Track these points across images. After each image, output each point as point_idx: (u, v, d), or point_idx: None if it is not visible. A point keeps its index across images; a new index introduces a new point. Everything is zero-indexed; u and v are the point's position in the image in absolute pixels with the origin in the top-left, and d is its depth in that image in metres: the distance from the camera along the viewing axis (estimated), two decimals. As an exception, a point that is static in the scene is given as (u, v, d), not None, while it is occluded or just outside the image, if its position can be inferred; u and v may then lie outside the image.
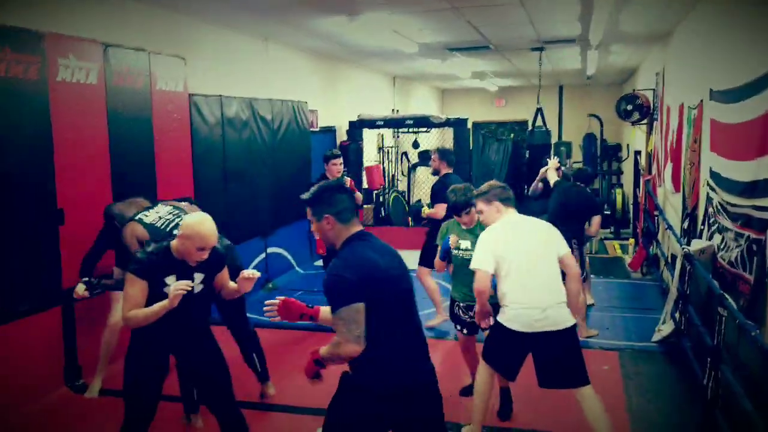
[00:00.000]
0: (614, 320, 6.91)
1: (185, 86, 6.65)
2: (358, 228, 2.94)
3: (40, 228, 5.05)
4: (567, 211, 6.66)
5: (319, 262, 9.63)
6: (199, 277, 3.56)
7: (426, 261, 6.59)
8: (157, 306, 3.38)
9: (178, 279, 3.46)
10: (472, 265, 4.10)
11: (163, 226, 4.54)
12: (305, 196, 2.99)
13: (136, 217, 4.61)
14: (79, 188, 5.38)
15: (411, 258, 8.49)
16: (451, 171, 6.80)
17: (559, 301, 3.97)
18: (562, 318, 3.96)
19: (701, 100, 5.96)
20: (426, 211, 6.88)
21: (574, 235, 6.48)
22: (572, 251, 6.21)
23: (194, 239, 3.41)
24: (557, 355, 3.97)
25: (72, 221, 5.28)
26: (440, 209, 6.49)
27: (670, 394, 5.13)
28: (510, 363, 4.13)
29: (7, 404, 4.77)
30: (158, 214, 4.64)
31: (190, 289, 3.43)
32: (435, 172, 6.93)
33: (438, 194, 6.62)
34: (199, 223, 3.44)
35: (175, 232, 4.37)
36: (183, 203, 4.95)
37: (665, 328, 6.09)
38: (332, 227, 2.90)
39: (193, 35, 7.25)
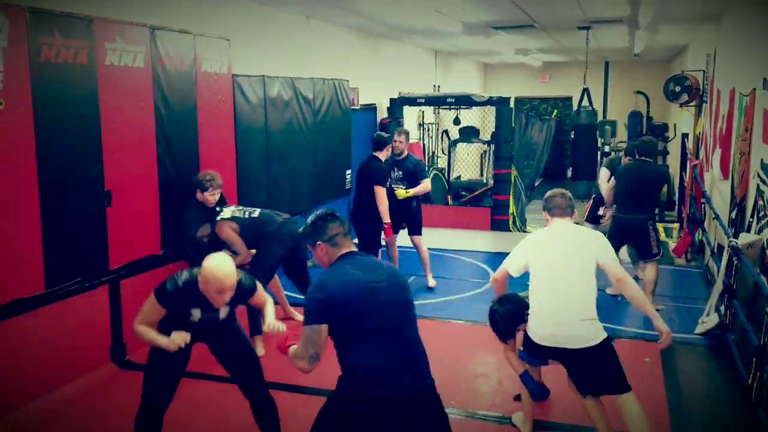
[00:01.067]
0: (656, 309, 6.82)
1: (229, 68, 6.67)
2: (349, 249, 3.11)
3: (88, 209, 5.16)
4: (638, 193, 6.50)
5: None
6: (224, 310, 3.70)
7: (415, 229, 7.42)
8: (160, 340, 3.52)
9: (202, 312, 3.61)
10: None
11: (243, 214, 5.71)
12: (301, 230, 3.28)
13: (220, 218, 5.66)
14: (126, 170, 5.47)
15: (451, 237, 8.52)
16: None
17: (583, 317, 3.79)
18: (582, 336, 3.78)
19: (754, 89, 5.79)
20: (402, 193, 7.26)
21: (650, 217, 6.48)
22: (650, 232, 6.41)
23: (212, 283, 3.43)
24: (584, 369, 3.87)
25: (119, 203, 5.38)
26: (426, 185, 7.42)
27: (713, 390, 5.08)
28: (539, 359, 4.14)
29: (57, 379, 4.94)
30: (228, 210, 5.76)
31: (185, 344, 3.55)
32: (399, 153, 7.38)
33: (416, 174, 7.34)
34: (216, 267, 3.44)
35: (254, 214, 5.71)
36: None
37: (709, 321, 5.99)
38: (326, 252, 3.10)
39: (236, 15, 7.26)
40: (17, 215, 4.56)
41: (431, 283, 7.51)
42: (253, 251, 5.78)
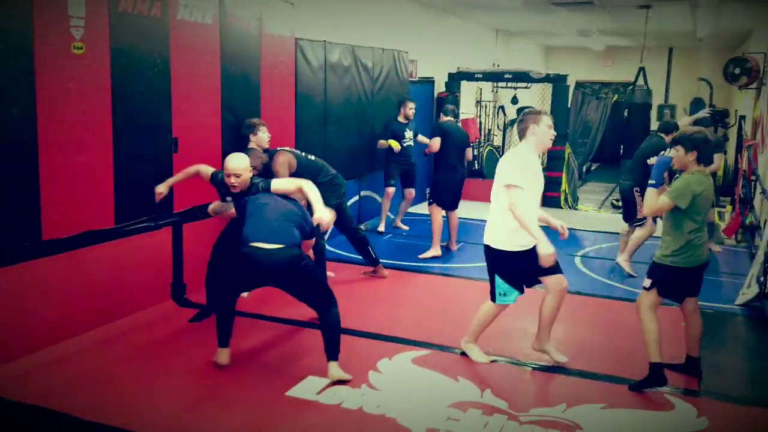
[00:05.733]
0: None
1: (292, 31, 6.98)
2: None
3: (157, 153, 5.53)
4: (633, 161, 7.29)
5: (413, 209, 9.91)
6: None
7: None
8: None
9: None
10: None
11: (304, 154, 6.04)
12: None
13: (280, 148, 5.92)
14: (192, 121, 5.82)
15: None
16: None
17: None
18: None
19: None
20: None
21: (636, 183, 7.06)
22: (633, 197, 7.10)
23: (224, 168, 4.73)
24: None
25: (184, 150, 5.74)
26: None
27: (745, 353, 5.18)
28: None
29: (118, 311, 5.33)
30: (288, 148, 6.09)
31: None
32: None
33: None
34: (229, 156, 4.82)
35: (311, 157, 5.99)
36: None
37: (749, 292, 6.07)
38: None
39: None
40: (92, 153, 4.95)
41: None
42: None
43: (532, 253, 4.54)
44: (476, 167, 12.48)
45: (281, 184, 4.80)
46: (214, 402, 4.14)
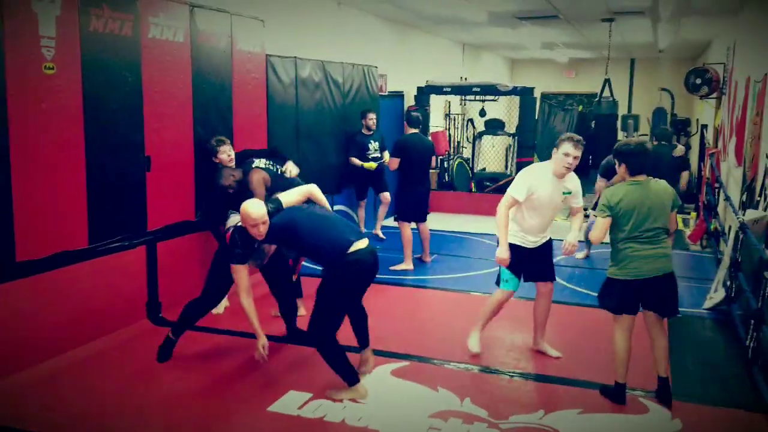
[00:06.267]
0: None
1: (263, 47, 7.03)
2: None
3: (130, 172, 5.52)
4: None
5: (386, 222, 9.99)
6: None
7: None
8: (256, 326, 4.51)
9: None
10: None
11: (275, 169, 5.82)
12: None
13: (254, 165, 5.70)
14: (164, 139, 5.82)
15: (472, 222, 8.85)
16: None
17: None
18: None
19: (766, 74, 5.99)
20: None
21: None
22: None
23: (245, 219, 4.27)
24: None
25: (157, 168, 5.74)
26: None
27: (714, 356, 5.31)
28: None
29: (93, 331, 5.30)
30: (262, 161, 5.86)
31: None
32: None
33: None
34: (246, 205, 4.31)
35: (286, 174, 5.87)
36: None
37: (716, 296, 6.22)
38: None
39: (271, -3, 7.61)
40: (65, 173, 4.93)
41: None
42: None
43: (536, 251, 4.98)
44: (446, 179, 12.60)
45: (291, 198, 4.61)
46: (195, 421, 4.14)
